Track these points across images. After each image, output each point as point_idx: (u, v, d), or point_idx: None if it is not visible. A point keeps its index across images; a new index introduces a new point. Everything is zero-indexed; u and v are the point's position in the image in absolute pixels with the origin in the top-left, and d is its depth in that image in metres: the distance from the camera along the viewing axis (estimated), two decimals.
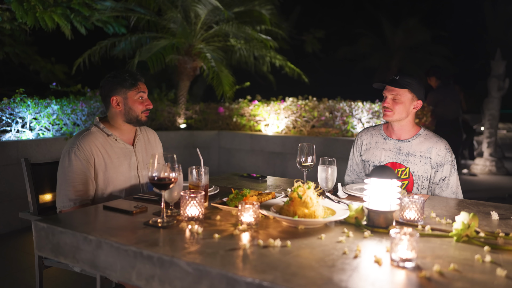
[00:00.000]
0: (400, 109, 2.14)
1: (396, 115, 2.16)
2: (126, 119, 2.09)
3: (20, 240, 3.71)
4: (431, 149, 2.15)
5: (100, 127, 2.08)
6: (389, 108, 2.17)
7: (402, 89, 2.12)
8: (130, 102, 2.06)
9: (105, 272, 1.25)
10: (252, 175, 2.40)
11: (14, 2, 4.53)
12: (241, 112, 6.51)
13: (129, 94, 2.06)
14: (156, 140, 2.32)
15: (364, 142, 2.35)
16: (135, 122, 2.10)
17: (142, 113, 2.09)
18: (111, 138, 2.07)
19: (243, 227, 1.37)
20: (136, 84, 2.07)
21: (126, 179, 2.08)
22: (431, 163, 2.15)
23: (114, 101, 2.05)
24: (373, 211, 1.43)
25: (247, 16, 7.09)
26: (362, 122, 5.68)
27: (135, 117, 2.08)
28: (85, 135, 2.01)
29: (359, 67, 16.65)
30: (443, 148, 2.14)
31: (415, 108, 2.17)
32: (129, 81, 2.05)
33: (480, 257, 1.15)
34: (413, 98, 2.14)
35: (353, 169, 2.42)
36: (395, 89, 2.14)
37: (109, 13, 5.88)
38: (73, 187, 1.93)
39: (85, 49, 6.55)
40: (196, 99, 9.66)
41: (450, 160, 2.14)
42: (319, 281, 1.00)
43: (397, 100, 2.14)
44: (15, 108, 4.21)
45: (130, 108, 2.06)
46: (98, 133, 2.05)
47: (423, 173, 2.16)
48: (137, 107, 2.07)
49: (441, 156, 2.14)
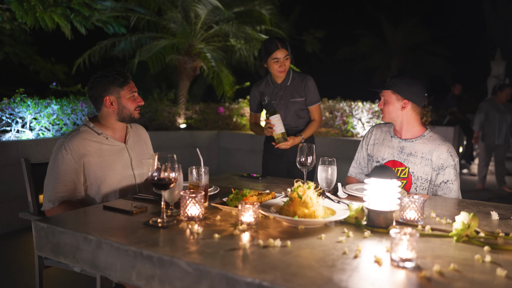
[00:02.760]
0: (389, 110, 2.20)
1: (386, 116, 2.22)
2: (119, 118, 2.08)
3: (20, 240, 3.71)
4: (432, 151, 2.15)
5: (90, 126, 2.06)
6: (382, 110, 2.25)
7: (386, 90, 2.18)
8: (123, 101, 2.06)
9: (105, 272, 1.25)
10: (252, 175, 2.40)
11: (14, 2, 4.53)
12: (241, 112, 6.51)
13: (122, 93, 2.05)
14: (147, 137, 2.33)
15: (373, 136, 2.39)
16: (128, 120, 2.11)
17: (135, 110, 2.10)
18: (102, 137, 2.06)
19: (243, 227, 1.37)
20: (128, 82, 2.07)
21: (120, 178, 2.06)
22: (432, 165, 2.14)
23: (107, 101, 2.04)
24: (373, 211, 1.43)
25: (247, 16, 7.09)
26: (362, 122, 5.68)
27: (129, 115, 2.09)
28: (73, 135, 1.99)
29: (359, 67, 16.66)
30: (445, 151, 2.13)
31: (404, 108, 2.17)
32: (120, 79, 2.04)
33: (480, 257, 1.15)
34: (397, 98, 2.17)
35: (359, 162, 2.46)
36: (382, 91, 2.22)
37: (109, 13, 5.89)
38: (54, 188, 1.92)
39: (85, 49, 6.56)
40: (196, 99, 9.66)
41: (452, 164, 2.13)
42: (319, 281, 1.00)
43: (385, 102, 2.21)
44: (15, 108, 4.21)
45: (123, 107, 2.06)
46: (88, 132, 2.04)
47: (422, 175, 2.16)
48: (130, 105, 2.07)
49: (443, 159, 2.13)
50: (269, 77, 2.97)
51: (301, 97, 2.92)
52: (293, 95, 2.92)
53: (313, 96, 2.95)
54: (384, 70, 16.29)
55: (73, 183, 1.95)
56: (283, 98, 2.92)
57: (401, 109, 2.17)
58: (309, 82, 2.93)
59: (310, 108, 2.97)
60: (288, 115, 2.93)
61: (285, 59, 2.81)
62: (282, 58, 2.79)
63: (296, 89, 2.92)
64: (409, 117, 2.20)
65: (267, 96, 2.77)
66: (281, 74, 2.85)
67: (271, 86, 2.95)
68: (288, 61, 2.83)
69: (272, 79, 2.94)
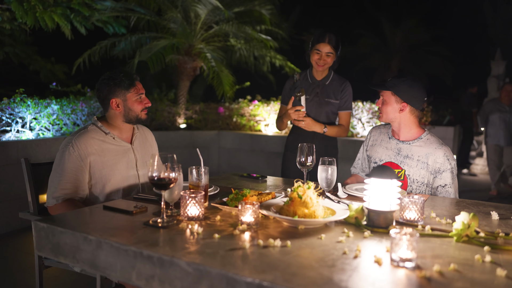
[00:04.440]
0: (387, 111, 2.18)
1: (384, 116, 2.20)
2: (125, 120, 2.10)
3: (20, 240, 3.71)
4: (428, 155, 2.13)
5: (98, 126, 2.08)
6: (379, 109, 2.23)
7: (386, 91, 2.16)
8: (129, 103, 2.06)
9: (105, 272, 1.25)
10: (252, 175, 2.40)
11: (14, 2, 4.53)
12: (241, 112, 6.51)
13: (128, 96, 2.06)
14: (153, 139, 2.34)
15: (372, 138, 2.39)
16: (135, 121, 2.11)
17: (142, 112, 2.10)
18: (109, 137, 2.07)
19: (243, 227, 1.37)
20: (134, 84, 2.07)
21: (124, 177, 2.08)
22: (428, 169, 2.13)
23: (113, 103, 2.05)
24: (373, 211, 1.43)
25: (247, 16, 7.09)
26: (362, 122, 5.68)
27: (135, 116, 2.09)
28: (81, 133, 2.01)
29: (359, 67, 16.65)
30: (441, 155, 2.11)
31: (402, 111, 2.15)
32: (126, 82, 2.04)
33: (480, 257, 1.15)
34: (396, 100, 2.15)
35: (361, 162, 2.46)
36: (382, 91, 2.19)
37: (109, 13, 5.89)
38: (59, 185, 1.93)
39: (85, 49, 6.56)
40: (196, 99, 9.66)
41: (449, 167, 2.12)
42: (319, 281, 1.00)
43: (384, 102, 2.19)
44: (15, 108, 4.21)
45: (130, 109, 2.07)
46: (95, 131, 2.05)
47: (418, 178, 2.15)
48: (137, 107, 2.08)
49: (439, 163, 2.12)
50: (309, 71, 2.87)
51: (336, 99, 2.82)
52: (329, 95, 2.82)
53: (348, 103, 2.86)
54: (384, 70, 16.29)
55: (78, 180, 1.96)
56: (318, 95, 2.82)
57: (399, 111, 2.16)
58: (348, 87, 2.85)
59: (341, 113, 2.87)
60: (319, 115, 2.82)
61: (327, 55, 2.70)
62: (324, 52, 2.69)
63: (333, 90, 2.83)
64: (407, 120, 2.18)
65: (297, 74, 2.69)
66: (319, 68, 2.75)
67: (309, 81, 2.85)
68: (330, 58, 2.71)
69: (311, 73, 2.85)
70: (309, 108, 2.80)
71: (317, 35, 2.73)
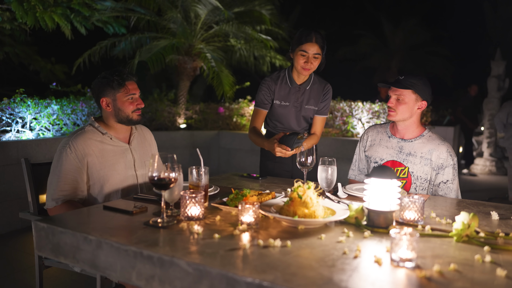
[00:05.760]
0: (403, 109, 2.15)
1: (399, 115, 2.17)
2: (117, 120, 2.07)
3: (20, 240, 3.71)
4: (432, 151, 2.15)
5: (95, 126, 2.07)
6: (393, 108, 2.18)
7: (406, 89, 2.13)
8: (119, 103, 2.03)
9: (105, 272, 1.25)
10: (252, 175, 2.40)
11: (14, 2, 4.53)
12: (241, 112, 6.51)
13: (118, 96, 2.03)
14: (152, 139, 2.32)
15: (369, 138, 2.37)
16: (126, 122, 2.08)
17: (133, 113, 2.06)
18: (106, 137, 2.06)
19: (243, 227, 1.37)
20: (123, 84, 2.02)
21: (122, 178, 2.07)
22: (431, 165, 2.15)
23: (103, 102, 2.04)
24: (373, 211, 1.43)
25: (247, 16, 7.09)
26: (362, 122, 5.68)
27: (125, 117, 2.06)
28: (78, 134, 2.00)
29: (359, 67, 16.64)
30: (444, 151, 2.14)
31: (420, 109, 2.17)
32: (116, 82, 2.01)
33: (480, 257, 1.15)
34: (417, 99, 2.14)
35: (358, 164, 2.44)
36: (399, 90, 2.15)
37: (109, 13, 5.89)
38: (58, 186, 1.93)
39: (85, 49, 6.56)
40: (196, 99, 9.66)
41: (452, 163, 2.14)
42: (319, 281, 1.00)
43: (400, 100, 2.15)
44: (15, 108, 4.21)
45: (119, 109, 2.04)
46: (92, 132, 2.04)
47: (422, 174, 2.16)
48: (127, 107, 2.04)
49: (442, 159, 2.13)
50: (288, 73, 2.57)
51: (316, 106, 2.59)
52: (309, 101, 2.57)
53: (326, 108, 2.63)
54: (384, 70, 16.27)
55: (76, 182, 1.96)
56: (298, 101, 2.56)
57: (416, 109, 2.16)
58: (329, 91, 2.62)
59: (317, 117, 2.62)
60: (296, 120, 2.59)
61: (314, 58, 2.40)
62: (311, 54, 2.38)
63: (314, 96, 2.58)
64: (417, 118, 2.21)
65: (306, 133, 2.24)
66: (304, 73, 2.45)
67: (288, 86, 2.56)
68: (317, 61, 2.42)
69: (291, 77, 2.55)
70: (287, 115, 2.58)
71: (302, 34, 2.41)
